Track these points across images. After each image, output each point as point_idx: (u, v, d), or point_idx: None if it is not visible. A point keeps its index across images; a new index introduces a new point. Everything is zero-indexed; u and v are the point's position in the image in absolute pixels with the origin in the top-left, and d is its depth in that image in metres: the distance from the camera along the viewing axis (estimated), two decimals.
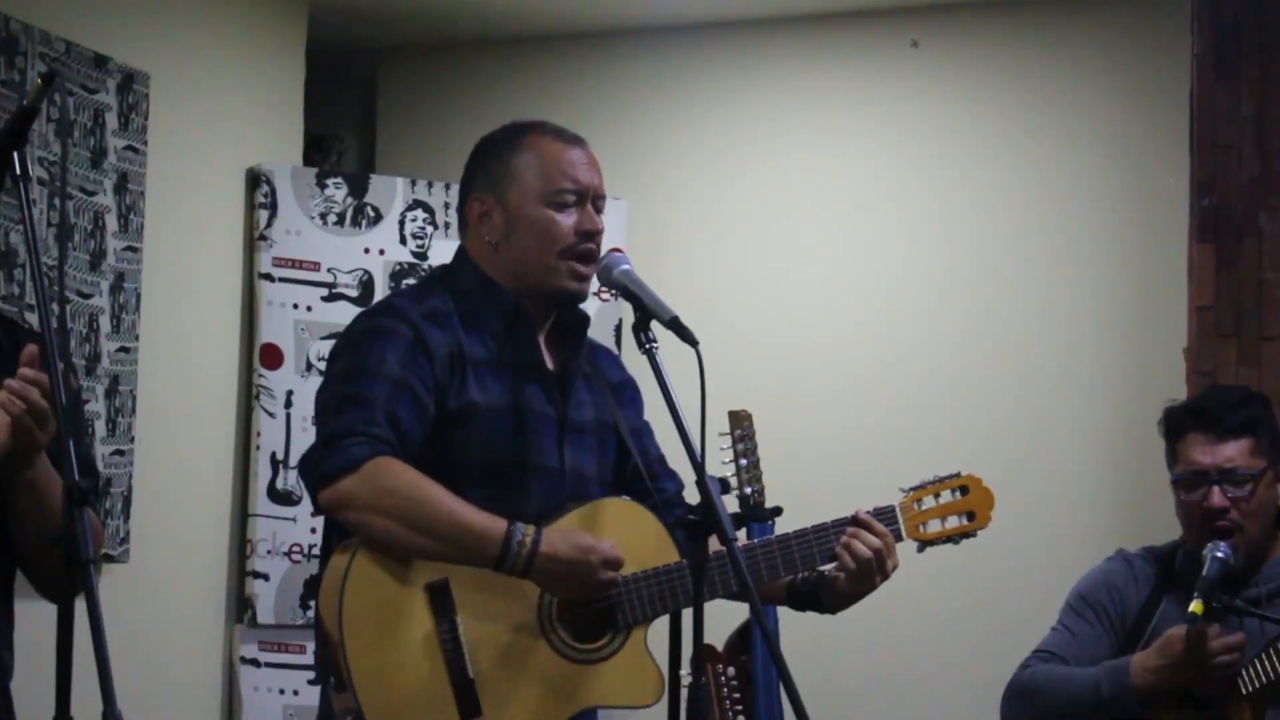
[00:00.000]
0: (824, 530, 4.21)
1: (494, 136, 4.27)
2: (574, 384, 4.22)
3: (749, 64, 7.90)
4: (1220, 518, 4.85)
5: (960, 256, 7.56)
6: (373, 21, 7.94)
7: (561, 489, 4.14)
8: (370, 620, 3.94)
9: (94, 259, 6.57)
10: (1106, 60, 7.45)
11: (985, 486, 4.38)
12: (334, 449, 3.94)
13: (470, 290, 4.17)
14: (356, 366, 4.03)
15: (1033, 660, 5.05)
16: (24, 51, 6.30)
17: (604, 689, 4.08)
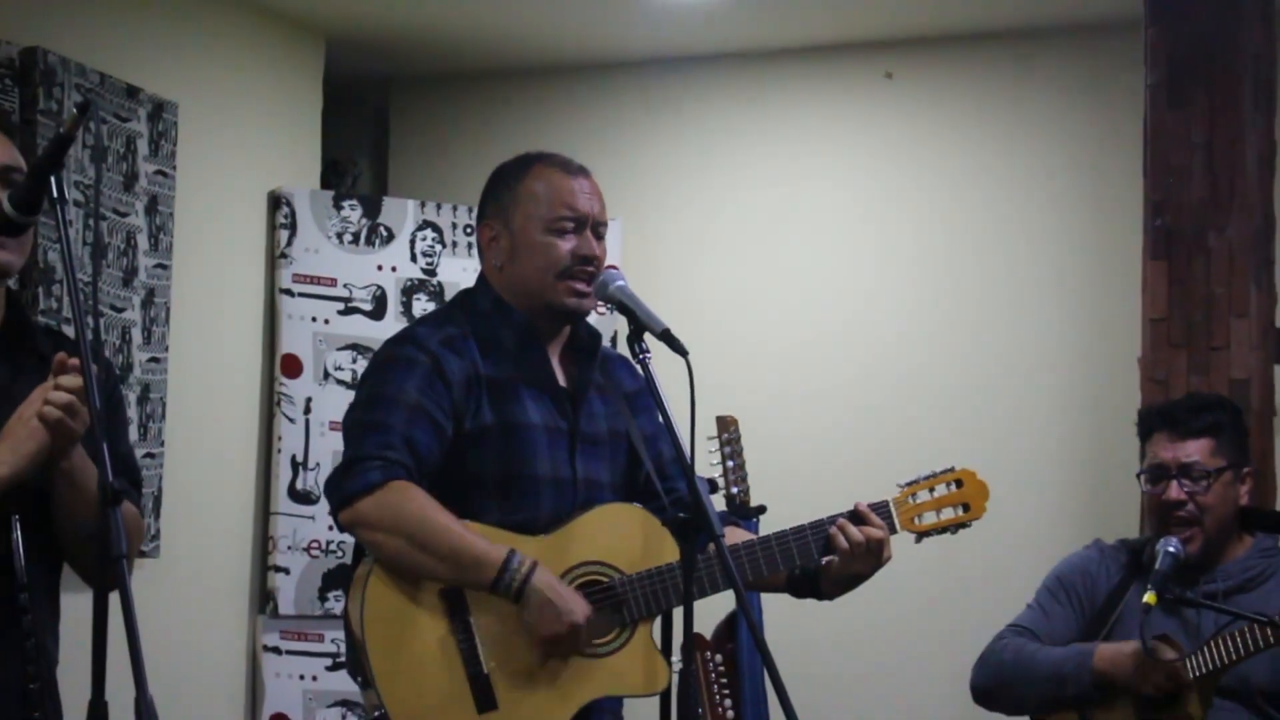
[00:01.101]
0: (821, 525, 4.21)
1: (505, 166, 4.30)
2: (585, 397, 4.23)
3: (735, 94, 7.90)
4: (1178, 509, 4.87)
5: (932, 272, 7.57)
6: (385, 55, 7.94)
7: (574, 497, 4.15)
8: (389, 624, 3.96)
9: (126, 275, 6.56)
10: (1067, 91, 7.46)
11: (980, 480, 4.39)
12: (353, 473, 3.97)
13: (486, 312, 4.19)
14: (378, 394, 4.05)
15: (1007, 633, 5.08)
16: (61, 83, 6.29)
17: (614, 680, 4.09)
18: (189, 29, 7.02)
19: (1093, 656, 4.86)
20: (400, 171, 8.32)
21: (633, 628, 4.08)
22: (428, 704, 3.94)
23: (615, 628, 4.07)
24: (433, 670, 3.95)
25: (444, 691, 3.95)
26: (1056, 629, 5.04)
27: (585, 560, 4.09)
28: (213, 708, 7.01)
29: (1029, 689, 4.97)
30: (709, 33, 7.60)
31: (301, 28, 7.53)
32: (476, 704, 3.96)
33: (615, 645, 4.08)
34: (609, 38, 7.73)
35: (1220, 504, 4.91)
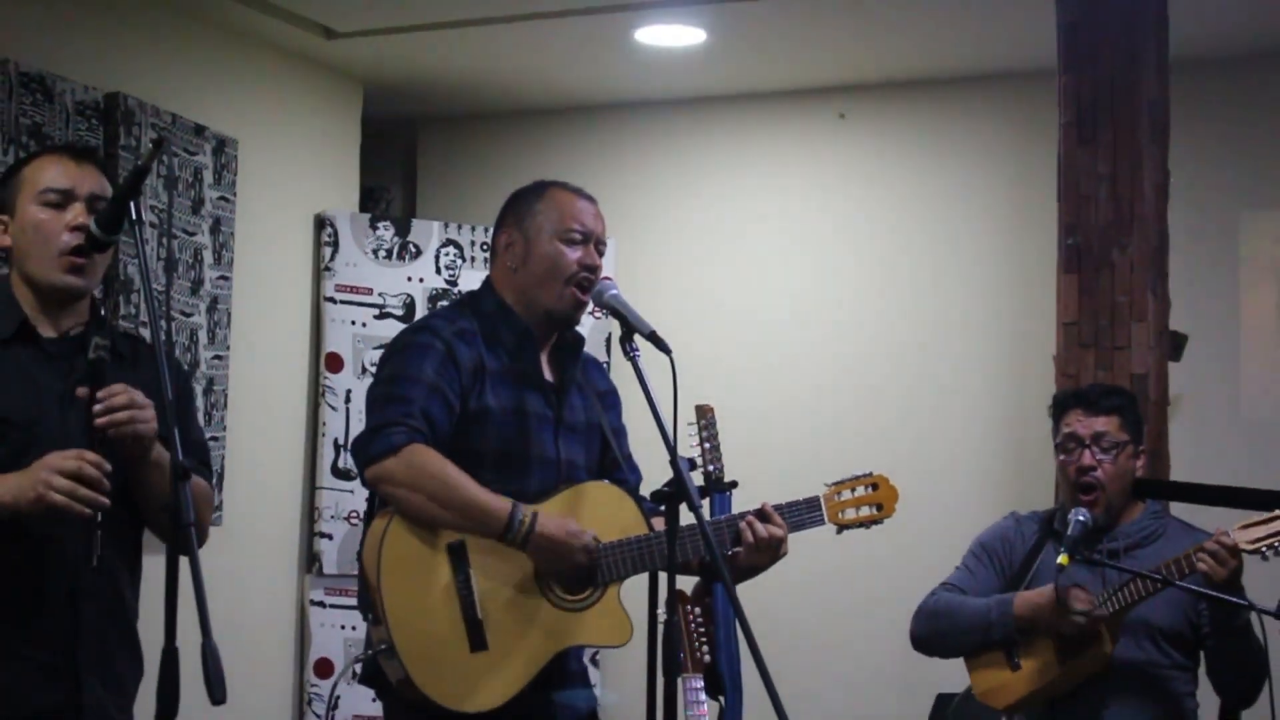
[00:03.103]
0: (733, 520, 4.20)
1: (524, 188, 4.31)
2: (568, 392, 4.24)
3: (710, 131, 7.90)
4: (1088, 474, 4.90)
5: (880, 283, 7.58)
6: (414, 98, 7.94)
7: (557, 474, 4.16)
8: (402, 570, 3.95)
9: (194, 286, 6.56)
10: (995, 130, 7.47)
11: (892, 485, 4.39)
12: (379, 435, 3.97)
13: (490, 314, 4.19)
14: (399, 372, 4.04)
15: (939, 589, 5.10)
16: (138, 122, 6.29)
17: (585, 631, 4.10)
18: (248, 77, 7.02)
19: (1013, 604, 4.89)
20: (427, 197, 8.31)
21: (604, 588, 4.10)
22: (429, 640, 3.94)
23: (588, 587, 4.08)
24: (435, 612, 3.96)
25: (444, 631, 3.95)
26: (981, 586, 5.07)
27: None
28: (267, 653, 7.01)
29: (960, 636, 5.00)
30: (687, 78, 7.61)
31: (343, 76, 7.52)
32: (470, 644, 3.96)
33: (589, 602, 4.09)
34: (603, 83, 7.73)
35: (1121, 474, 4.94)
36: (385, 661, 3.96)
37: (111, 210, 3.37)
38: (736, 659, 5.94)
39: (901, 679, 7.10)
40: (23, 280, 3.56)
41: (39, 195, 3.53)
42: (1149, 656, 4.87)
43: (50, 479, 3.31)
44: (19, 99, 5.87)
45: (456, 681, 3.95)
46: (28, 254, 3.54)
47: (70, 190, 3.52)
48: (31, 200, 3.53)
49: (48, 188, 3.53)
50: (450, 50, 7.32)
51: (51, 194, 3.52)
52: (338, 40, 7.13)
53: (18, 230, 3.55)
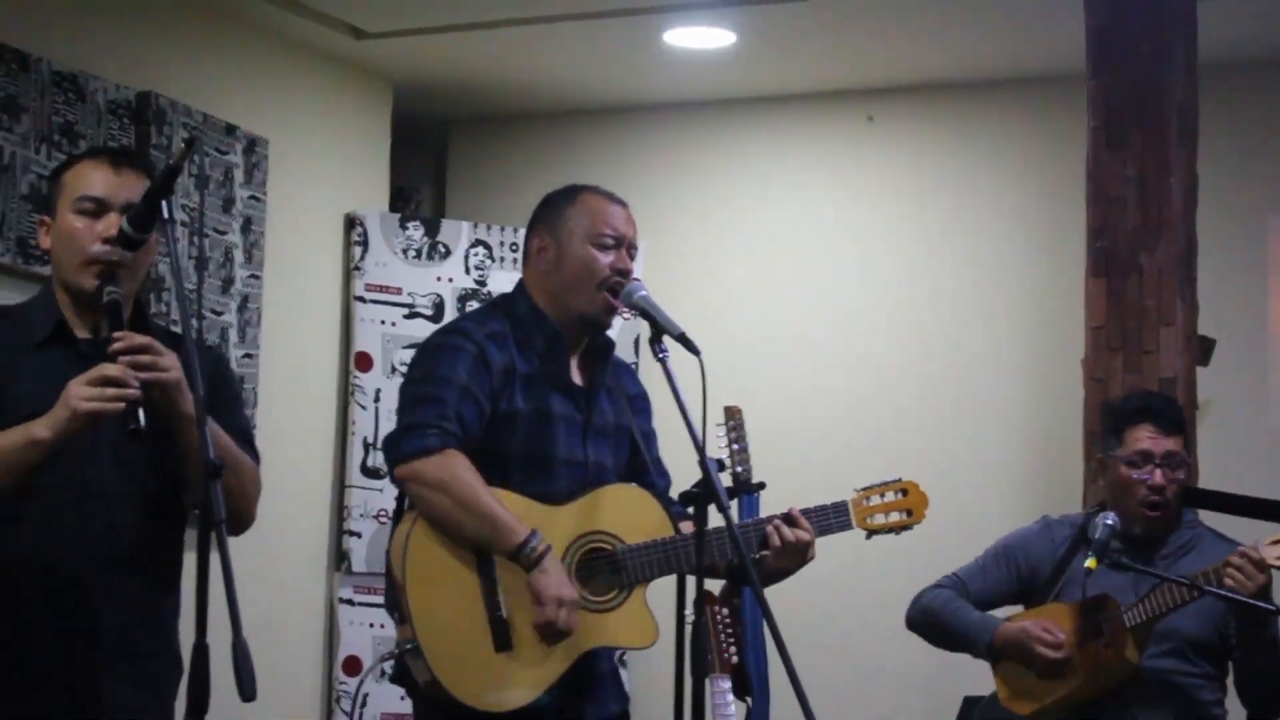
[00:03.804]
0: (760, 524, 4.19)
1: (556, 192, 4.30)
2: (598, 395, 4.23)
3: (739, 133, 7.89)
4: (1159, 494, 4.88)
5: (909, 287, 7.56)
6: (444, 99, 7.95)
7: (585, 476, 4.16)
8: (428, 570, 3.97)
9: (225, 284, 6.57)
10: (1023, 133, 7.46)
11: (922, 491, 4.38)
12: (412, 435, 3.98)
13: (522, 316, 4.19)
14: (432, 373, 4.05)
15: (946, 581, 5.14)
16: (170, 122, 6.30)
17: (611, 632, 4.10)
18: (278, 76, 7.03)
19: (993, 632, 4.94)
20: (456, 197, 8.31)
21: (629, 590, 4.09)
22: (454, 638, 3.95)
23: (614, 589, 4.08)
24: (461, 611, 3.96)
25: (468, 630, 3.96)
26: (989, 587, 5.11)
27: (593, 529, 4.10)
28: (296, 651, 7.01)
29: (945, 640, 5.13)
30: (716, 80, 7.60)
31: (373, 76, 7.53)
32: (495, 643, 3.97)
33: (614, 604, 4.09)
34: (633, 85, 7.73)
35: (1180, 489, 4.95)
36: (411, 660, 3.96)
37: (143, 209, 3.37)
38: (764, 660, 5.93)
39: (928, 681, 7.08)
40: (59, 283, 3.57)
41: (75, 202, 3.53)
42: (1177, 666, 4.86)
43: (75, 392, 3.30)
44: (51, 98, 5.88)
45: (481, 681, 3.95)
46: (61, 259, 3.55)
47: (105, 200, 3.52)
48: (68, 206, 3.53)
49: (84, 195, 3.53)
50: (480, 51, 7.32)
51: (87, 202, 3.52)
52: (368, 40, 7.14)
53: (55, 235, 3.56)
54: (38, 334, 3.53)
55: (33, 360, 3.48)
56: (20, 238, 5.73)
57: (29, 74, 5.81)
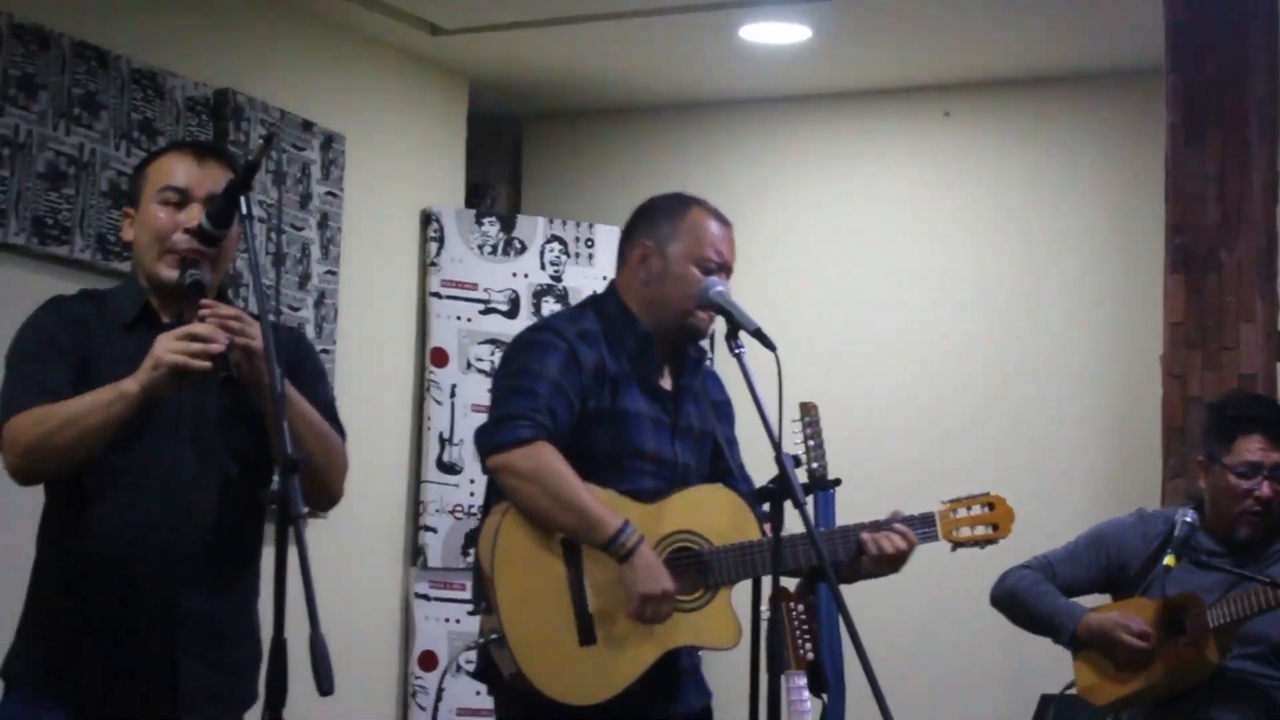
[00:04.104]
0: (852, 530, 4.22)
1: (664, 201, 4.31)
2: (684, 400, 4.25)
3: (814, 130, 7.88)
4: (1266, 506, 4.87)
5: (982, 284, 7.53)
6: (519, 95, 7.96)
7: (672, 475, 4.18)
8: (516, 561, 3.98)
9: (301, 280, 6.60)
10: (1101, 129, 7.41)
11: (1008, 505, 4.38)
12: (505, 426, 4.01)
13: (613, 317, 4.21)
14: (526, 368, 4.07)
15: (1034, 563, 5.15)
16: (248, 119, 6.34)
17: (694, 632, 4.11)
18: (355, 73, 7.06)
19: (1079, 621, 4.92)
20: (532, 193, 8.33)
21: (714, 591, 4.11)
22: (539, 630, 3.97)
23: (700, 589, 4.10)
24: (547, 603, 3.98)
25: (554, 622, 3.98)
26: (1077, 574, 5.10)
27: (681, 529, 4.12)
28: (373, 644, 7.04)
29: (1027, 620, 5.11)
30: (791, 76, 7.59)
31: (449, 72, 7.55)
32: (579, 636, 3.99)
33: (699, 603, 4.10)
34: (708, 80, 7.72)
35: None
36: (496, 651, 3.98)
37: (222, 204, 3.38)
38: (840, 656, 5.92)
39: (1005, 679, 7.05)
40: (142, 274, 3.60)
41: (159, 194, 3.55)
42: (1261, 669, 4.83)
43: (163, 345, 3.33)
44: (131, 95, 5.92)
45: (564, 673, 3.97)
46: (142, 249, 3.57)
47: (188, 190, 3.54)
48: (152, 198, 3.56)
49: (167, 185, 3.55)
50: (556, 47, 7.33)
51: (170, 193, 3.55)
52: (444, 37, 7.16)
53: (138, 226, 3.58)
54: (125, 316, 3.56)
55: (120, 340, 3.51)
56: (100, 234, 5.77)
57: (109, 72, 5.85)
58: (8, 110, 5.50)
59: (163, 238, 3.52)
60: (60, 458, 3.37)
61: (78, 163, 5.72)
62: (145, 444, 3.46)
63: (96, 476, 3.46)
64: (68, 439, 3.35)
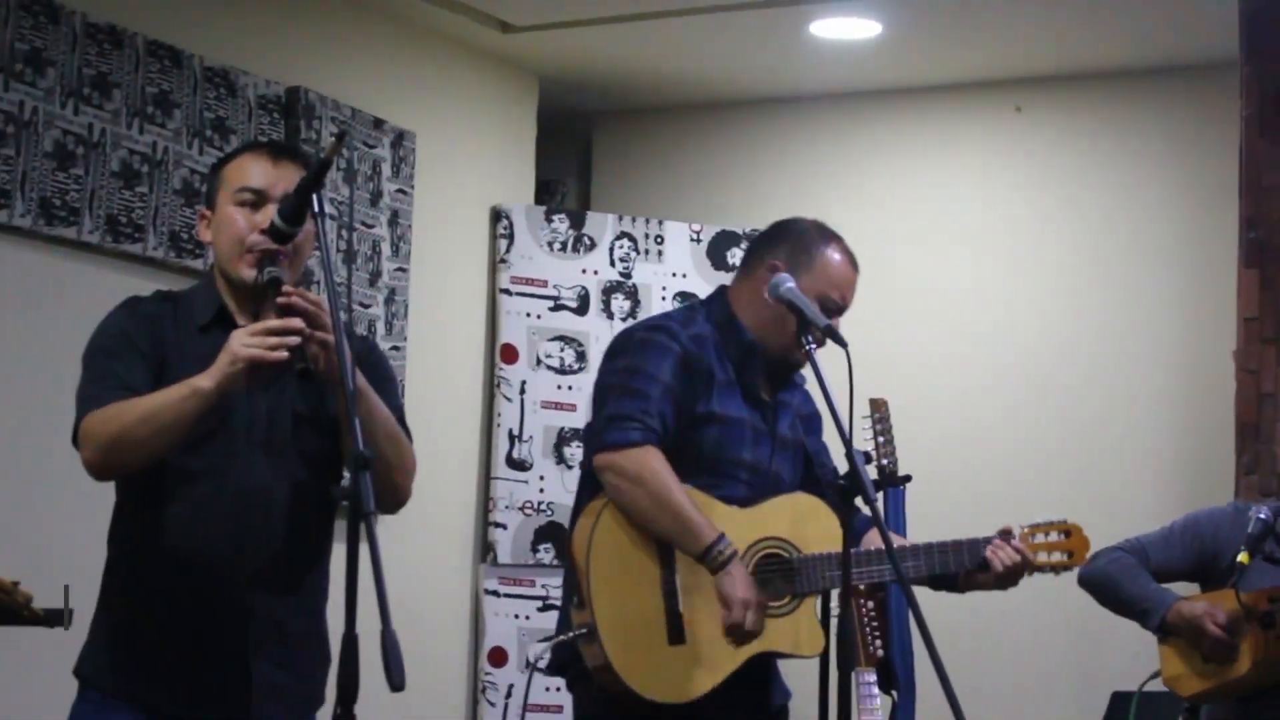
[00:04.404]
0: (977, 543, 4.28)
1: (805, 227, 4.33)
2: (781, 411, 4.30)
3: (885, 125, 7.86)
4: None
5: (1055, 280, 7.49)
6: (589, 91, 7.97)
7: (765, 485, 4.22)
8: (612, 557, 4.03)
9: (372, 278, 6.63)
10: (1174, 122, 7.36)
11: (1084, 535, 4.40)
12: (615, 427, 4.05)
13: (722, 324, 4.25)
14: (639, 368, 4.12)
15: (1127, 546, 5.14)
16: (319, 116, 6.37)
17: (779, 638, 4.14)
18: (425, 70, 7.08)
19: (1169, 608, 4.90)
20: (601, 190, 8.33)
21: (800, 599, 4.15)
22: (630, 626, 4.01)
23: (786, 596, 4.13)
24: (639, 601, 4.03)
25: (645, 620, 4.02)
26: (1170, 560, 5.08)
27: (772, 535, 4.16)
28: (443, 641, 7.06)
29: (1116, 602, 5.09)
30: (862, 71, 7.57)
31: (519, 69, 7.57)
32: (668, 635, 4.03)
33: (785, 610, 4.14)
34: (778, 76, 7.71)
35: None
36: (584, 645, 4.02)
37: (294, 202, 3.40)
38: (910, 654, 5.91)
39: (1075, 677, 7.02)
40: (220, 274, 3.62)
41: (235, 194, 3.57)
42: None
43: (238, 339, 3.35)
44: (203, 94, 5.96)
45: (652, 671, 4.01)
46: (220, 250, 3.59)
47: (264, 191, 3.55)
48: (229, 199, 3.58)
49: (244, 186, 3.57)
50: (625, 43, 7.34)
51: (247, 193, 3.56)
52: (514, 34, 7.17)
53: (215, 227, 3.60)
54: (200, 317, 3.58)
55: (196, 342, 3.53)
56: (173, 232, 5.81)
57: (181, 70, 5.89)
58: (82, 109, 5.54)
59: (240, 238, 3.54)
60: (137, 453, 3.39)
61: (151, 161, 5.76)
62: (219, 446, 3.49)
63: (170, 478, 3.48)
64: (144, 434, 3.37)
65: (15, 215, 5.32)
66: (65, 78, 5.50)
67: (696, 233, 7.54)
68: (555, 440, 7.25)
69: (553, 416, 7.26)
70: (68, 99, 5.50)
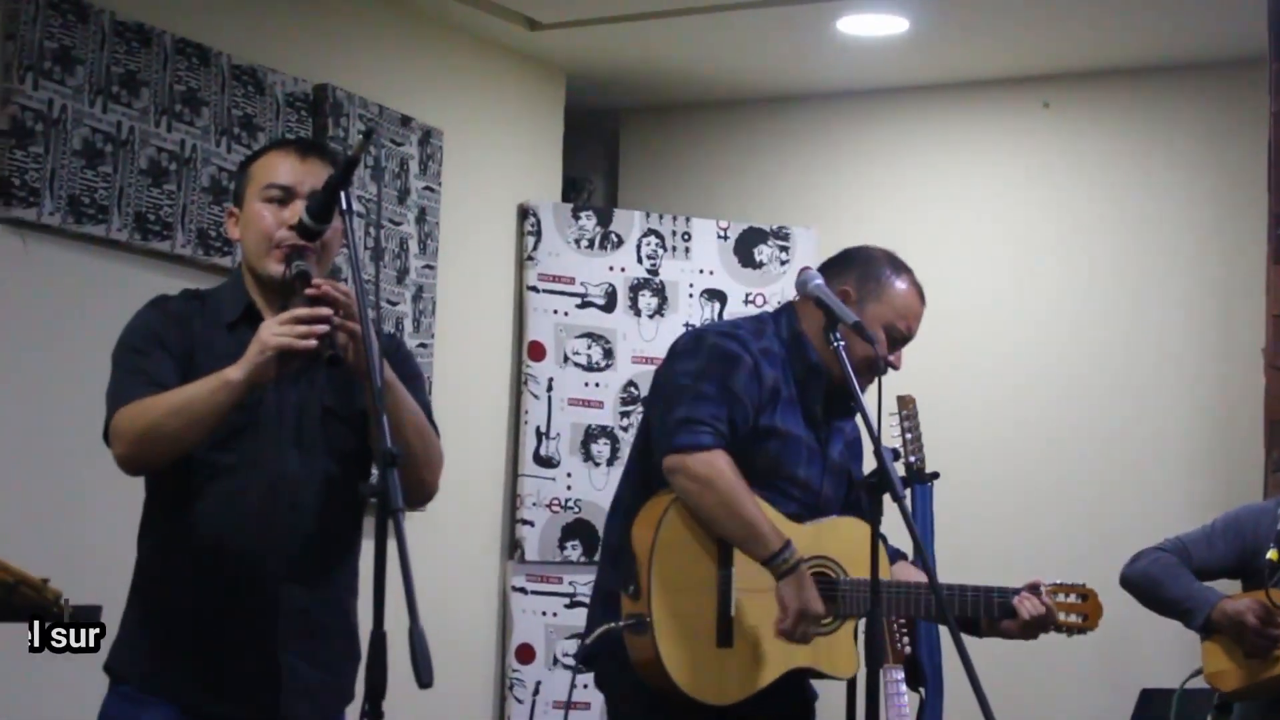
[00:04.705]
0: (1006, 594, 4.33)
1: (880, 256, 4.42)
2: (835, 436, 4.35)
3: (912, 122, 7.85)
4: None
5: (1082, 276, 7.48)
6: (616, 89, 7.97)
7: (816, 504, 4.27)
8: (674, 552, 4.07)
9: (400, 275, 6.64)
10: (1202, 118, 7.35)
11: (1099, 601, 4.44)
12: (687, 429, 4.08)
13: (789, 342, 4.29)
14: (711, 373, 4.15)
15: (1169, 545, 5.13)
16: (346, 114, 6.38)
17: (817, 656, 4.20)
18: (452, 68, 7.09)
19: (1214, 607, 4.88)
20: (628, 187, 8.34)
21: (842, 620, 4.21)
22: (683, 623, 4.05)
23: (829, 616, 4.17)
24: (695, 599, 4.08)
25: (698, 618, 4.08)
26: (1212, 558, 5.07)
27: (821, 554, 4.21)
28: (471, 638, 7.07)
29: (1159, 603, 5.08)
30: (889, 68, 7.57)
31: (546, 67, 7.57)
32: (718, 637, 4.08)
33: (827, 630, 4.19)
34: (805, 73, 7.71)
35: None
36: (632, 636, 4.03)
37: (322, 199, 3.40)
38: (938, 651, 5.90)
39: (1104, 675, 7.01)
40: (248, 270, 3.63)
41: (263, 191, 3.58)
42: None
43: (267, 329, 3.35)
44: (231, 91, 5.97)
45: (698, 669, 4.06)
46: (248, 246, 3.60)
47: (292, 187, 3.56)
48: (256, 195, 3.59)
49: (271, 183, 3.57)
50: (652, 40, 7.34)
51: (274, 190, 3.57)
52: (541, 31, 7.18)
53: (243, 224, 3.61)
54: (229, 315, 3.59)
55: (224, 339, 3.54)
56: (201, 229, 5.82)
57: (209, 68, 5.90)
58: (111, 107, 5.56)
59: (268, 234, 3.55)
60: (168, 446, 3.40)
61: (179, 159, 5.78)
62: (249, 442, 3.50)
63: (199, 472, 3.49)
64: (174, 427, 3.37)
65: (44, 213, 5.33)
66: (94, 76, 5.51)
67: (724, 230, 7.53)
68: (583, 437, 7.26)
69: (580, 413, 7.27)
70: (96, 97, 5.52)
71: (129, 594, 3.61)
